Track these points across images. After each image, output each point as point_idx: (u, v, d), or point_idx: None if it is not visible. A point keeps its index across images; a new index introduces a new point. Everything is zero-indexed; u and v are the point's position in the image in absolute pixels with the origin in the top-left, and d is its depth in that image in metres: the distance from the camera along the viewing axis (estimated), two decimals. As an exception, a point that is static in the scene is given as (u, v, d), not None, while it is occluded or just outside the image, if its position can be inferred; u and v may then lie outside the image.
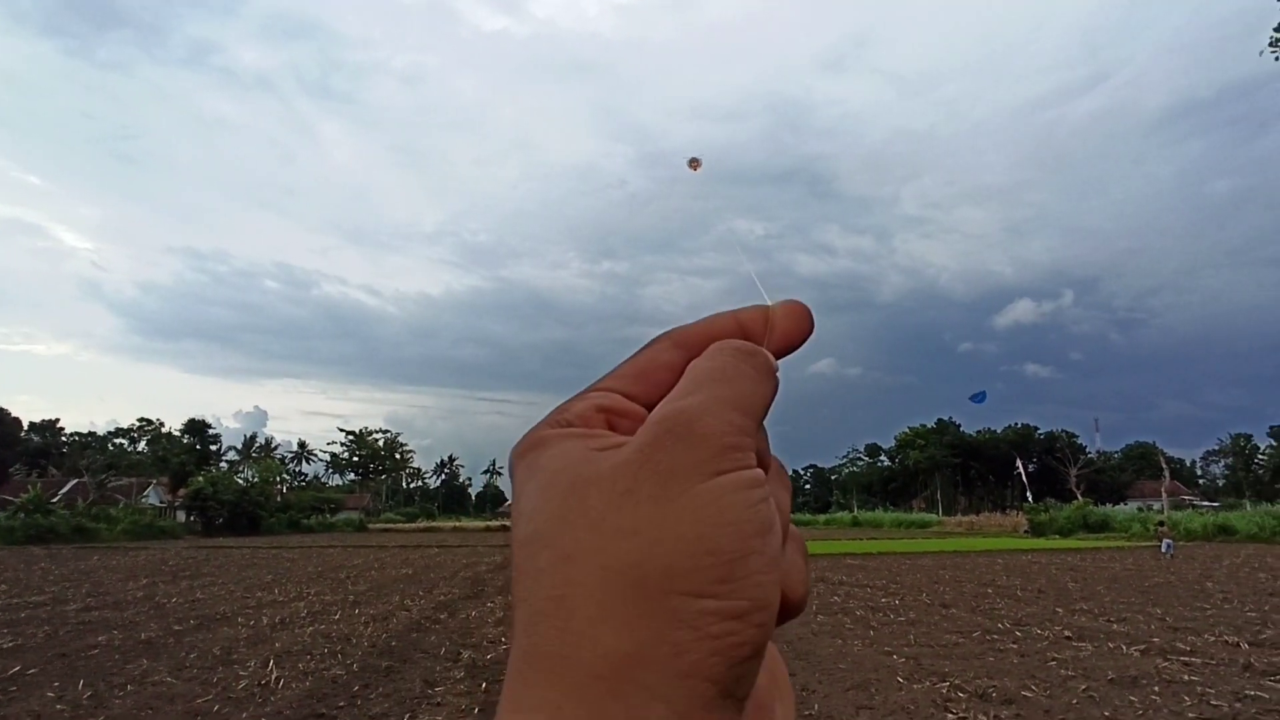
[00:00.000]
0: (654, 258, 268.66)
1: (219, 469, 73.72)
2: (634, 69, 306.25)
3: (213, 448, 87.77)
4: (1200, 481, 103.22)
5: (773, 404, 0.32)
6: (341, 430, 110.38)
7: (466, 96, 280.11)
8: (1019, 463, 70.92)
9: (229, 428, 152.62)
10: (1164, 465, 65.07)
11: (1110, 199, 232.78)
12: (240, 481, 62.62)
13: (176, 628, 10.82)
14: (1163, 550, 26.55)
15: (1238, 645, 8.96)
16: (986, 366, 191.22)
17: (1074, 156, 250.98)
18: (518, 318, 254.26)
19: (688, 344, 0.34)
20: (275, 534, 54.85)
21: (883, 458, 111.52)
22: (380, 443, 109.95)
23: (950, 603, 13.38)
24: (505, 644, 9.58)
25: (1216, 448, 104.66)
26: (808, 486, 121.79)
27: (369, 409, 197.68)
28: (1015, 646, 9.10)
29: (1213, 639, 9.39)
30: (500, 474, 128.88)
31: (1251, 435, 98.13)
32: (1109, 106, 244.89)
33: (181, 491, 65.46)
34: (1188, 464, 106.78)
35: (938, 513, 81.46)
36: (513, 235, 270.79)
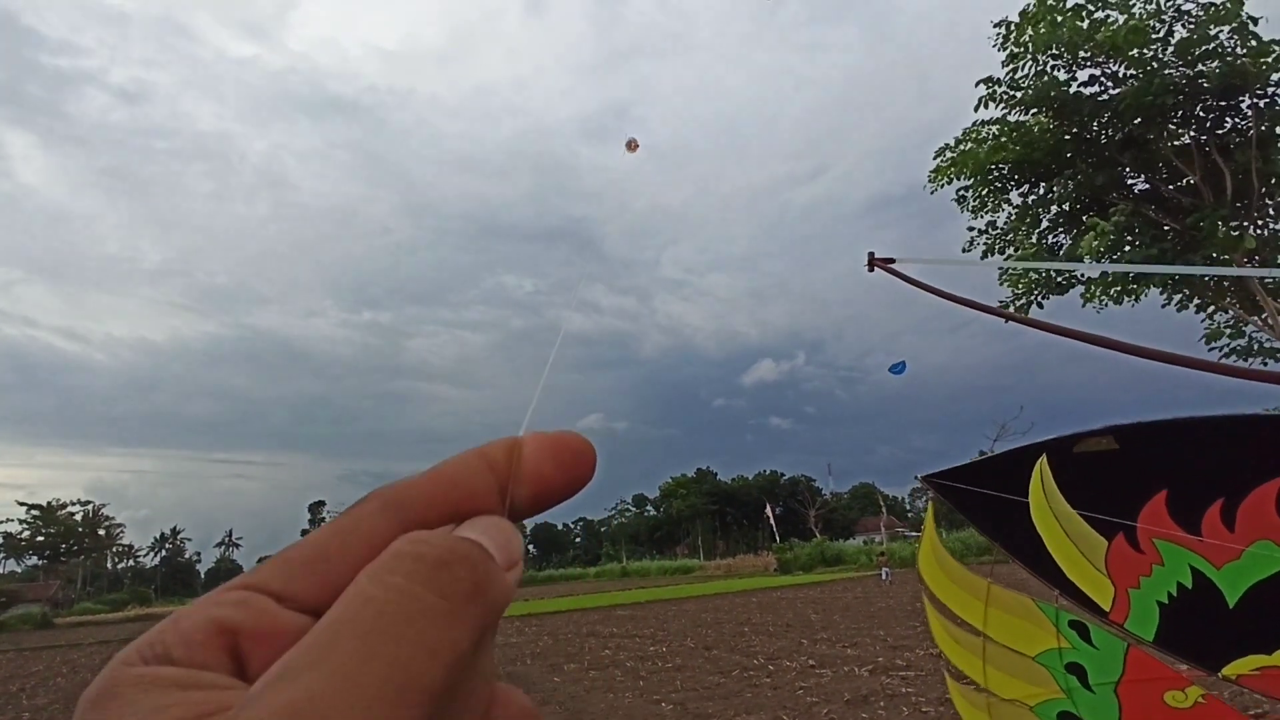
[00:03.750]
0: (420, 309, 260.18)
1: None
2: (400, 117, 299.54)
3: None
4: (909, 515, 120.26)
5: (495, 625, 0.21)
6: (22, 504, 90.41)
7: (205, 124, 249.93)
8: (768, 507, 77.94)
9: None
10: (881, 503, 75.61)
11: (831, 272, 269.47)
12: None
13: None
14: (883, 578, 30.45)
15: (940, 655, 10.41)
16: (737, 419, 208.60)
17: (802, 234, 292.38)
18: (263, 368, 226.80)
19: (404, 507, 0.23)
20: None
21: (649, 508, 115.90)
22: (77, 517, 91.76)
23: (712, 644, 14.05)
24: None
25: (919, 485, 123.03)
26: (578, 540, 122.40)
27: (63, 476, 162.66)
28: (769, 680, 9.76)
29: (923, 653, 10.82)
30: (239, 545, 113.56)
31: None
32: (827, 194, 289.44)
33: None
34: (900, 500, 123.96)
35: (699, 558, 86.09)
36: (258, 279, 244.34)
